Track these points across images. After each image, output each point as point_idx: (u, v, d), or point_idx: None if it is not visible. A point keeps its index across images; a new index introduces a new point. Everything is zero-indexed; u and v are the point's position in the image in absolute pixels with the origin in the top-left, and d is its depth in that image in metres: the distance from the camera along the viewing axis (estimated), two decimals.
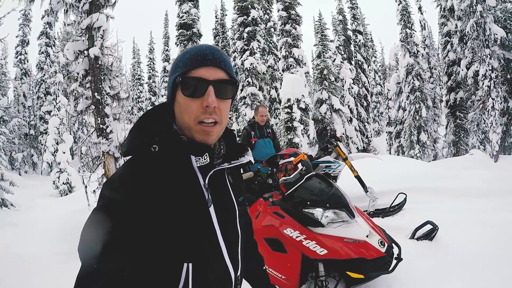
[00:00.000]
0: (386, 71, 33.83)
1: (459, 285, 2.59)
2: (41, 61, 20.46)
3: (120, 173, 0.78)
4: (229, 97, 0.83)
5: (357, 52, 24.17)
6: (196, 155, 0.80)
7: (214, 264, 0.79)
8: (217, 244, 0.80)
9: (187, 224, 0.75)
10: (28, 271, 3.34)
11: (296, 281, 2.62)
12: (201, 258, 0.76)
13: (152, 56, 31.65)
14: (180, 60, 0.82)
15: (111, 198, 0.72)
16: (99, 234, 0.67)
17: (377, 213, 4.88)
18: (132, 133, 0.82)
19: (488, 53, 11.21)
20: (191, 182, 0.80)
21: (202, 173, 0.81)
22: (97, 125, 4.74)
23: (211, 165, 0.82)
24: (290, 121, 11.98)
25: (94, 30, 4.41)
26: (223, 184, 0.89)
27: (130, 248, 0.68)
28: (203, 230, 0.78)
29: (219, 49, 0.85)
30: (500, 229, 3.42)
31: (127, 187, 0.73)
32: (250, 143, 4.64)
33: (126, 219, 0.69)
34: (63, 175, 12.95)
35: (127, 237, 0.68)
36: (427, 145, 15.44)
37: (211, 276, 0.78)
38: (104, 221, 0.69)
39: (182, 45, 16.91)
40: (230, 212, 0.89)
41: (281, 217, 2.66)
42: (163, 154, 0.76)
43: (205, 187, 0.80)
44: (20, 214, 7.98)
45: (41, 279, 3.42)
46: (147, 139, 0.77)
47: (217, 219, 0.80)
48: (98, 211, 0.72)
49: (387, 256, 2.50)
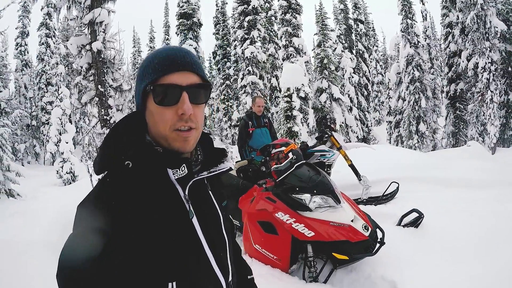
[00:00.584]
0: (387, 60, 33.64)
1: (440, 270, 2.70)
2: (42, 52, 20.37)
3: (95, 196, 0.73)
4: (203, 102, 0.78)
5: (358, 42, 24.05)
6: (173, 168, 0.75)
7: (201, 276, 0.76)
8: (204, 254, 0.77)
9: (171, 240, 0.71)
10: (33, 257, 3.47)
11: (287, 261, 2.85)
12: (185, 274, 0.72)
13: (153, 45, 31.34)
14: (148, 66, 0.77)
15: (88, 222, 0.68)
16: (79, 262, 0.64)
17: (370, 201, 5.01)
18: (103, 149, 0.77)
19: (488, 45, 11.25)
20: (170, 196, 0.75)
21: (181, 185, 0.77)
22: (100, 116, 4.93)
23: (190, 175, 0.77)
24: (289, 110, 12.06)
25: (97, 25, 4.54)
26: (204, 193, 0.85)
27: (110, 275, 0.64)
28: (188, 243, 0.75)
29: (189, 51, 0.80)
30: (487, 219, 3.47)
31: (106, 209, 0.68)
32: (247, 132, 4.84)
33: (108, 245, 0.65)
34: (66, 165, 13.13)
35: (106, 263, 0.64)
36: (426, 136, 15.54)
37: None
38: (83, 247, 0.65)
39: (183, 34, 16.95)
40: (214, 220, 0.85)
41: (273, 202, 2.89)
42: (137, 169, 0.72)
43: (186, 199, 0.76)
44: (26, 203, 8.19)
45: (47, 264, 3.60)
46: (119, 154, 0.73)
47: (201, 229, 0.77)
48: (76, 236, 0.68)
49: (370, 240, 2.71)
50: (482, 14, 11.22)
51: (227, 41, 25.83)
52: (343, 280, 2.86)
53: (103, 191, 0.73)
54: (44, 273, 2.40)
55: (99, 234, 0.65)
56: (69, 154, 13.26)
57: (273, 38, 19.74)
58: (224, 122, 25.30)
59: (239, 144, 4.92)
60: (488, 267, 2.64)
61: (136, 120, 0.80)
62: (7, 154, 8.92)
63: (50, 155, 14.19)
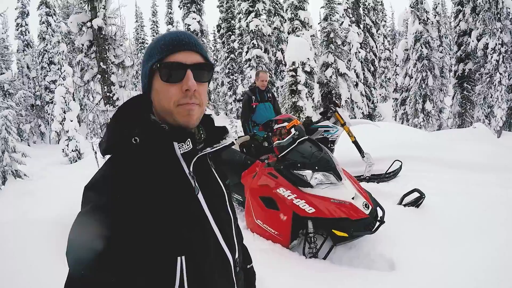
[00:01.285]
0: (395, 36, 32.79)
1: (437, 250, 2.72)
2: (43, 31, 20.10)
3: (102, 174, 0.75)
4: (206, 80, 0.83)
5: (365, 16, 23.31)
6: (179, 142, 0.78)
7: (209, 251, 0.79)
8: (211, 229, 0.80)
9: (177, 214, 0.73)
10: (44, 236, 3.54)
11: (288, 236, 2.90)
12: (193, 249, 0.74)
13: (156, 19, 30.81)
14: (154, 47, 0.81)
15: (96, 201, 0.70)
16: (87, 239, 0.65)
17: (372, 179, 5.05)
18: (110, 128, 0.80)
19: (499, 26, 10.90)
20: (176, 171, 0.78)
21: (186, 161, 0.80)
22: (104, 93, 4.92)
23: (194, 151, 0.81)
24: (294, 84, 11.91)
25: (97, 1, 4.44)
26: (207, 170, 0.88)
27: (120, 253, 0.66)
28: (194, 218, 0.77)
29: (192, 35, 0.84)
30: (488, 201, 3.47)
31: (112, 188, 0.71)
32: (251, 107, 4.82)
33: (114, 222, 0.67)
34: (71, 143, 13.25)
35: (116, 241, 0.66)
36: (432, 115, 15.37)
37: (207, 267, 0.77)
38: (92, 226, 0.67)
39: (186, 8, 16.63)
40: (219, 197, 0.88)
41: (274, 177, 2.91)
42: (144, 145, 0.75)
43: (191, 175, 0.79)
44: (34, 183, 8.32)
45: (59, 242, 3.68)
46: (126, 132, 0.75)
47: (207, 205, 0.80)
48: (84, 215, 0.70)
49: (370, 218, 2.72)
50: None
51: (232, 14, 25.18)
52: (342, 257, 2.90)
53: (111, 169, 0.75)
54: (56, 251, 2.47)
55: (106, 212, 0.68)
56: (74, 132, 13.35)
57: (278, 11, 19.27)
58: (229, 96, 25.15)
59: (242, 118, 4.90)
60: (488, 248, 2.65)
61: (141, 101, 0.83)
62: (12, 136, 8.99)
63: (55, 134, 14.28)
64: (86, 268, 0.65)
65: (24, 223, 3.78)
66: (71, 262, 0.67)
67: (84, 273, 0.65)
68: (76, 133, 13.44)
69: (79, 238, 0.67)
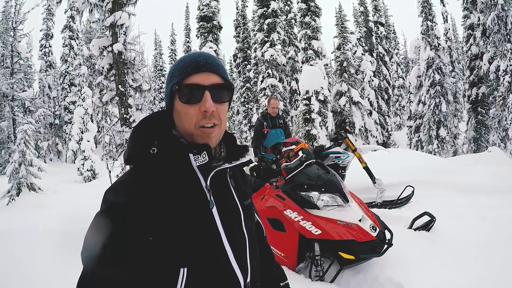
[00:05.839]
0: (408, 64, 32.99)
1: (448, 274, 2.66)
2: (65, 53, 20.99)
3: (122, 179, 0.80)
4: (225, 100, 0.85)
5: (378, 44, 23.74)
6: (194, 154, 0.80)
7: (216, 268, 0.77)
8: (221, 245, 0.78)
9: (188, 224, 0.74)
10: (50, 245, 3.59)
11: (294, 259, 2.90)
12: (198, 262, 0.74)
13: (174, 47, 31.94)
14: (175, 69, 0.85)
15: (113, 202, 0.74)
16: (100, 238, 0.69)
17: (384, 205, 4.96)
18: (132, 138, 0.84)
19: (509, 47, 10.92)
20: (192, 183, 0.80)
21: (203, 174, 0.81)
22: (121, 115, 5.12)
23: (211, 165, 0.82)
24: (308, 113, 12.03)
25: (117, 27, 4.74)
26: (225, 187, 0.87)
27: (130, 253, 0.69)
28: (206, 231, 0.77)
29: (212, 55, 0.87)
30: (500, 225, 3.38)
31: (129, 191, 0.74)
32: (262, 133, 4.93)
33: (128, 222, 0.70)
34: (87, 162, 13.58)
35: (128, 241, 0.69)
36: (447, 141, 15.15)
37: (209, 283, 0.76)
38: (106, 225, 0.70)
39: (203, 37, 17.23)
40: (234, 214, 0.86)
41: (282, 199, 2.95)
42: (162, 155, 0.78)
43: (207, 188, 0.80)
44: (47, 197, 8.53)
45: (65, 251, 3.76)
46: (145, 142, 0.79)
47: (220, 220, 0.79)
48: (101, 215, 0.73)
49: (377, 240, 2.70)
50: (503, 15, 10.92)
51: (248, 44, 25.81)
52: (350, 280, 2.85)
53: (131, 176, 0.79)
54: (60, 260, 2.53)
55: (121, 210, 0.71)
56: (90, 152, 13.71)
57: (292, 41, 19.77)
58: (244, 125, 25.40)
59: (254, 144, 5.02)
60: (499, 273, 2.58)
61: (163, 116, 0.87)
62: (30, 150, 9.33)
63: (72, 152, 14.67)
64: (97, 263, 0.68)
65: (35, 232, 3.87)
66: (85, 260, 0.71)
67: (95, 269, 0.68)
68: (92, 153, 13.78)
69: (94, 235, 0.71)
